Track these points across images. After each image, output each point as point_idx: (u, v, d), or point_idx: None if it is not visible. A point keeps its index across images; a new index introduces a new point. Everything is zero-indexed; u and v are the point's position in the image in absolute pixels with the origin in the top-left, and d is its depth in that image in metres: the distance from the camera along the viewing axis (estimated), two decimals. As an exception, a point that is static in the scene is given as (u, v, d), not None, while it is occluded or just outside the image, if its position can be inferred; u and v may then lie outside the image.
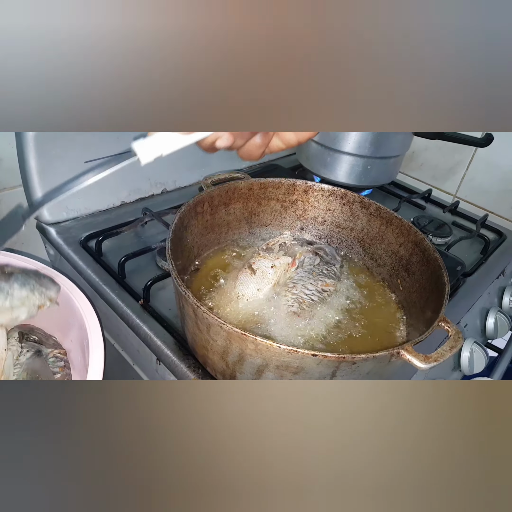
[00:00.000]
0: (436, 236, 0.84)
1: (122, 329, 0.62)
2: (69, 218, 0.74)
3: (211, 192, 0.59)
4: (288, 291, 0.57)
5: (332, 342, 0.52)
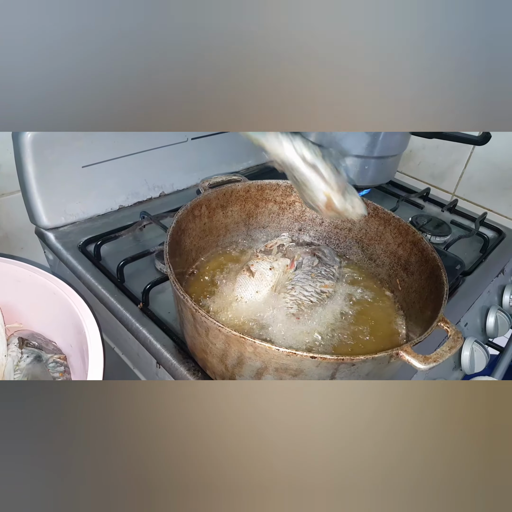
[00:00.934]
0: (435, 235, 0.84)
1: (121, 333, 0.62)
2: (67, 222, 0.74)
3: (209, 195, 0.59)
4: (287, 293, 0.57)
5: (332, 343, 0.52)
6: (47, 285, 0.47)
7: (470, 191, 1.00)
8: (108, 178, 0.77)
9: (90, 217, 0.77)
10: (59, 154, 0.69)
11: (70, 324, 0.45)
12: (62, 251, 0.71)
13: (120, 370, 0.68)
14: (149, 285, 0.61)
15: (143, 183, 0.83)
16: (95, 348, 0.41)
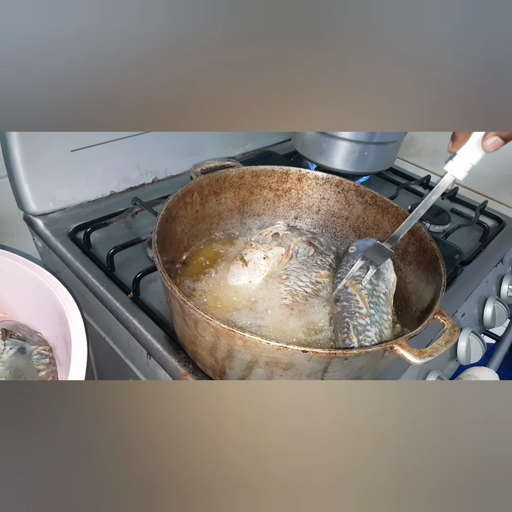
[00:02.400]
0: (434, 224, 0.82)
1: (112, 323, 0.61)
2: (56, 209, 0.72)
3: (201, 181, 0.57)
4: (281, 283, 0.56)
5: (327, 335, 0.50)
6: (30, 275, 0.46)
7: (471, 178, 0.97)
8: (99, 162, 0.75)
9: (80, 203, 0.74)
10: (47, 138, 0.67)
11: (54, 315, 0.44)
12: (51, 238, 0.69)
13: (111, 360, 0.67)
14: (140, 274, 0.59)
15: (135, 168, 0.80)
16: (79, 340, 0.39)
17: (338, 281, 0.53)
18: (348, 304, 0.50)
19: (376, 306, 0.49)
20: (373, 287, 0.51)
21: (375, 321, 0.48)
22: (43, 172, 0.69)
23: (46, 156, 0.68)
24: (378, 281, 0.51)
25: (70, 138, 0.69)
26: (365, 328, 0.47)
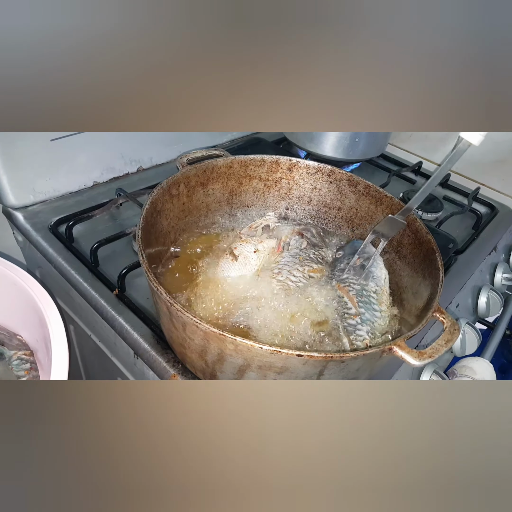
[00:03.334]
0: (427, 212, 0.80)
1: (97, 321, 0.59)
2: (36, 201, 0.69)
3: (187, 172, 0.54)
4: (273, 278, 0.54)
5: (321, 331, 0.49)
6: (6, 275, 0.43)
7: (462, 164, 0.95)
8: (80, 152, 0.71)
9: (61, 195, 0.71)
10: (23, 126, 0.63)
11: (33, 317, 0.42)
12: (32, 232, 0.66)
13: (98, 358, 0.65)
14: (126, 270, 0.57)
15: (119, 157, 0.77)
16: (59, 343, 0.37)
17: None
18: (336, 306, 0.50)
19: (366, 304, 0.48)
20: (362, 287, 0.50)
21: (366, 319, 0.47)
22: (22, 162, 0.65)
23: (25, 146, 0.64)
24: (367, 281, 0.50)
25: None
26: (356, 327, 0.47)
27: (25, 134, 0.63)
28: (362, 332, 0.46)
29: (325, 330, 0.48)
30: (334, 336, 0.47)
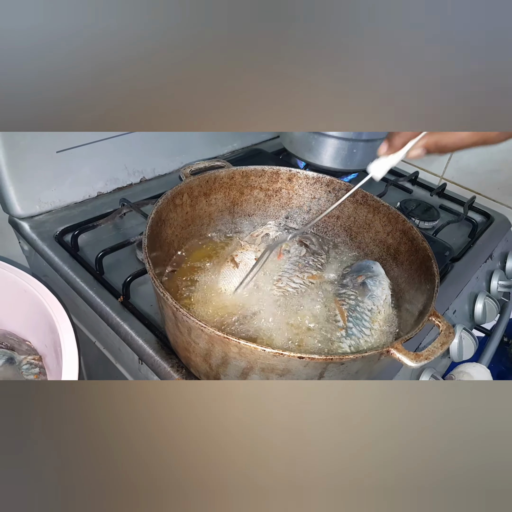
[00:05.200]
0: (424, 220, 0.82)
1: (102, 328, 0.60)
2: (42, 211, 0.70)
3: (190, 183, 0.56)
4: (274, 284, 0.55)
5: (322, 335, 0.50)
6: (17, 282, 0.44)
7: (458, 174, 0.98)
8: (85, 163, 0.73)
9: (66, 205, 0.73)
10: (31, 139, 0.65)
11: (43, 323, 0.43)
12: (38, 241, 0.67)
13: (102, 365, 0.66)
14: (130, 277, 0.58)
15: (122, 168, 0.79)
16: (69, 349, 0.38)
17: None
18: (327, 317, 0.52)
19: (357, 320, 0.50)
20: (356, 303, 0.51)
21: (351, 333, 0.49)
22: (28, 174, 0.67)
23: (31, 158, 0.66)
24: (363, 298, 0.52)
25: (55, 139, 0.68)
26: (339, 339, 0.48)
27: (32, 147, 0.65)
28: (344, 345, 0.48)
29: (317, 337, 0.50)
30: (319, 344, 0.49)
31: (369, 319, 0.50)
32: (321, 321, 0.52)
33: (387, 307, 0.53)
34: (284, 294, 0.54)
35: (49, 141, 0.67)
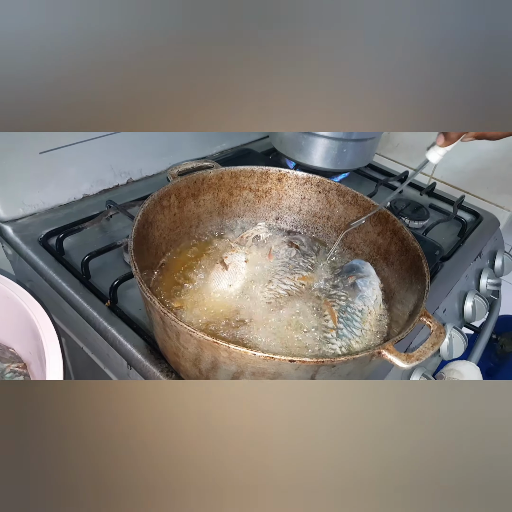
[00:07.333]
0: (414, 220, 0.82)
1: (89, 333, 0.59)
2: (26, 214, 0.69)
3: (178, 184, 0.55)
4: (265, 286, 0.55)
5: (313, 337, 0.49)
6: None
7: (447, 173, 0.99)
8: (70, 164, 0.71)
9: (51, 207, 0.71)
10: (13, 140, 0.63)
11: (26, 330, 0.42)
12: (21, 245, 0.66)
13: (90, 370, 0.65)
14: (117, 281, 0.57)
15: (108, 169, 0.77)
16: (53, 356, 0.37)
17: None
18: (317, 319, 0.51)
19: (347, 321, 0.49)
20: (347, 303, 0.51)
21: (342, 335, 0.48)
22: (11, 176, 0.65)
23: (13, 159, 0.64)
24: (353, 299, 0.51)
25: (38, 140, 0.66)
26: (329, 341, 0.48)
27: (14, 147, 0.64)
28: (335, 346, 0.47)
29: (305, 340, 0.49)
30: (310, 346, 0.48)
31: (360, 320, 0.50)
32: (311, 322, 0.51)
33: (377, 307, 0.52)
34: (275, 296, 0.53)
35: (32, 142, 0.66)
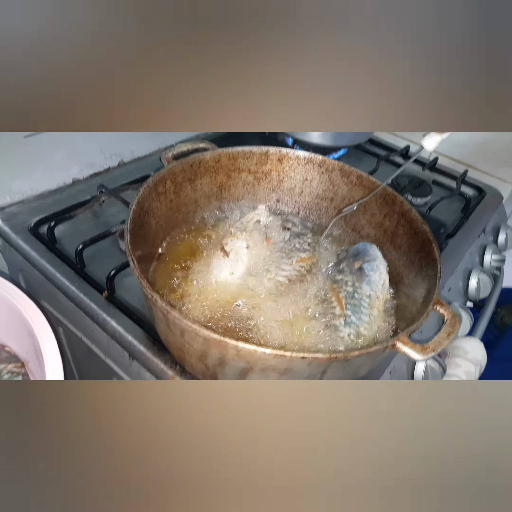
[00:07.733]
0: (416, 196, 0.80)
1: (88, 324, 0.57)
2: (14, 202, 0.66)
3: (173, 168, 0.52)
4: (264, 277, 0.53)
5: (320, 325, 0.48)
6: (-10, 287, 0.41)
7: (450, 146, 0.95)
8: (57, 148, 0.68)
9: (40, 193, 0.68)
10: (-5, 123, 0.59)
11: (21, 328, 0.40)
12: (11, 234, 0.63)
13: (91, 360, 0.63)
14: (114, 271, 0.55)
15: (98, 151, 0.74)
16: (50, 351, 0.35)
17: None
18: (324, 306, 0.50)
19: (355, 307, 0.47)
20: (354, 289, 0.49)
21: (350, 321, 0.46)
22: (-5, 162, 0.62)
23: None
24: (360, 284, 0.49)
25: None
26: (338, 328, 0.46)
27: (-3, 132, 0.60)
28: (343, 334, 0.46)
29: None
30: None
31: (368, 306, 0.48)
32: (318, 310, 0.49)
33: (385, 292, 0.51)
34: (275, 284, 0.51)
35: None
